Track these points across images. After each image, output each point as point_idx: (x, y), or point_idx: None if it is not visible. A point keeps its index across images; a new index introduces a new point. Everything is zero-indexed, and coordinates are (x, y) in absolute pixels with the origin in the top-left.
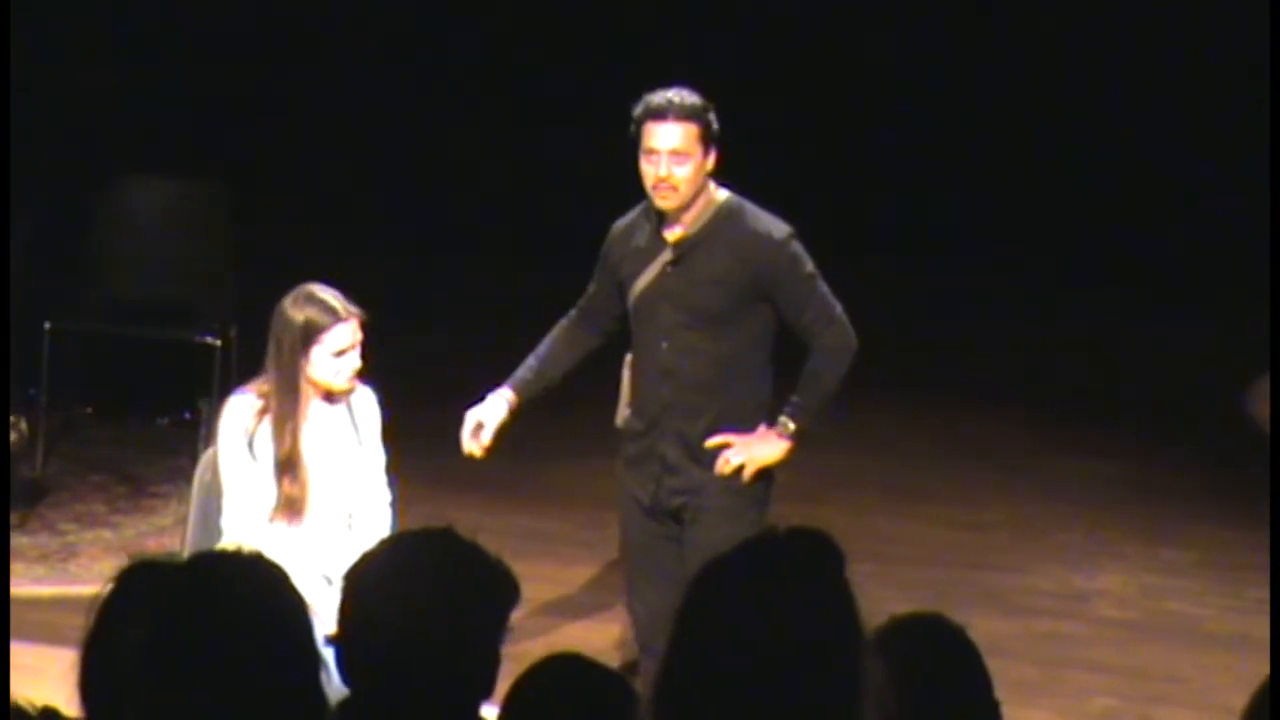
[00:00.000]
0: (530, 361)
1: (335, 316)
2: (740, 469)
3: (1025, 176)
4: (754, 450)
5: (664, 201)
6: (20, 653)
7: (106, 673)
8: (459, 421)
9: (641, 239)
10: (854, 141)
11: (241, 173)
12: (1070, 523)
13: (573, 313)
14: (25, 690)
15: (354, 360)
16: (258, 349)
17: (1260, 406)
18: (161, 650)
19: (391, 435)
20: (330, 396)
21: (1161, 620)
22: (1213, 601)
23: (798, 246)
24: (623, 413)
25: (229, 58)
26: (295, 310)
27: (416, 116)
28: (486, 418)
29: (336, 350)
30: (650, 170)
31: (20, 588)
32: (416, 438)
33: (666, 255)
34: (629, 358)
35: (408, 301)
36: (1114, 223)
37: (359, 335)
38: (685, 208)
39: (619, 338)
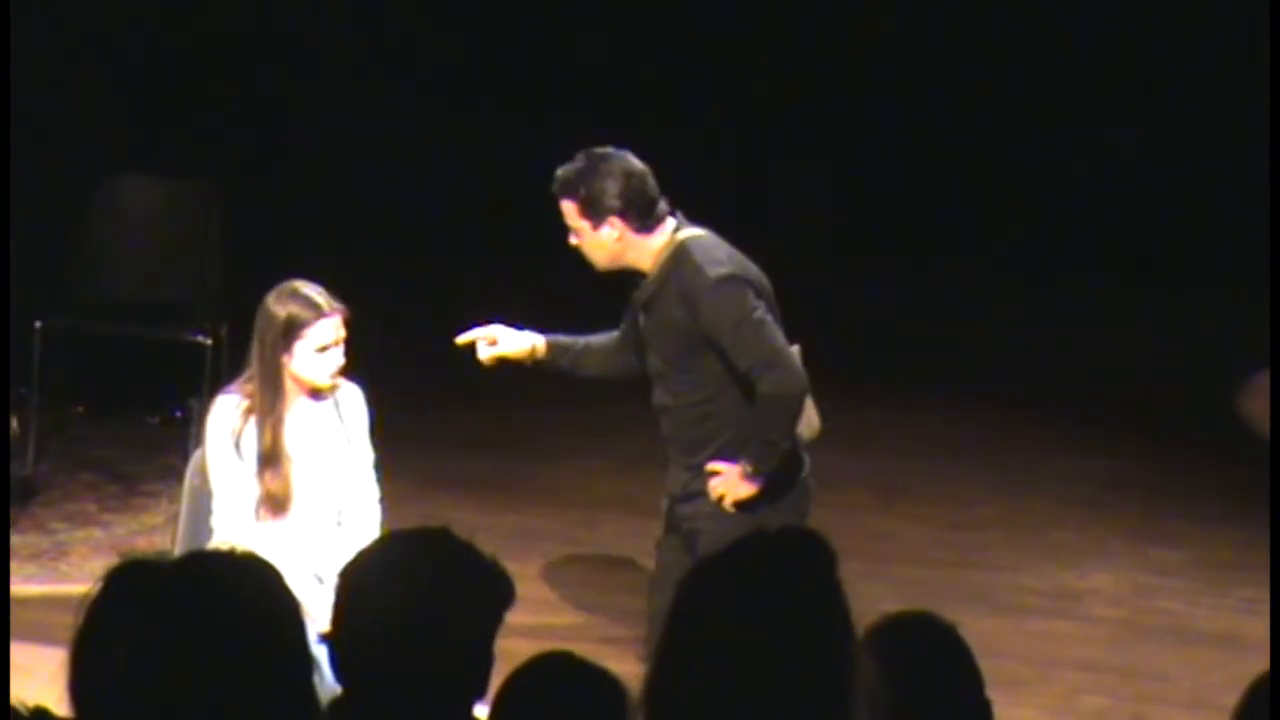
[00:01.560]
0: (575, 337)
1: (318, 312)
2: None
3: (1019, 175)
4: (729, 483)
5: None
6: (11, 651)
7: (97, 672)
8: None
9: (637, 285)
10: (852, 141)
11: (233, 171)
12: (1061, 521)
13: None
14: (17, 689)
15: (337, 357)
16: (248, 348)
17: (1253, 404)
18: (152, 650)
19: (381, 435)
20: (316, 394)
21: (1152, 619)
22: (1204, 600)
23: (726, 292)
24: None
25: (221, 57)
26: (278, 305)
27: (413, 116)
28: (506, 337)
29: (319, 346)
30: None
31: (11, 586)
32: (406, 437)
33: (640, 304)
34: None
35: (400, 301)
36: (1107, 221)
37: (342, 331)
38: (633, 261)
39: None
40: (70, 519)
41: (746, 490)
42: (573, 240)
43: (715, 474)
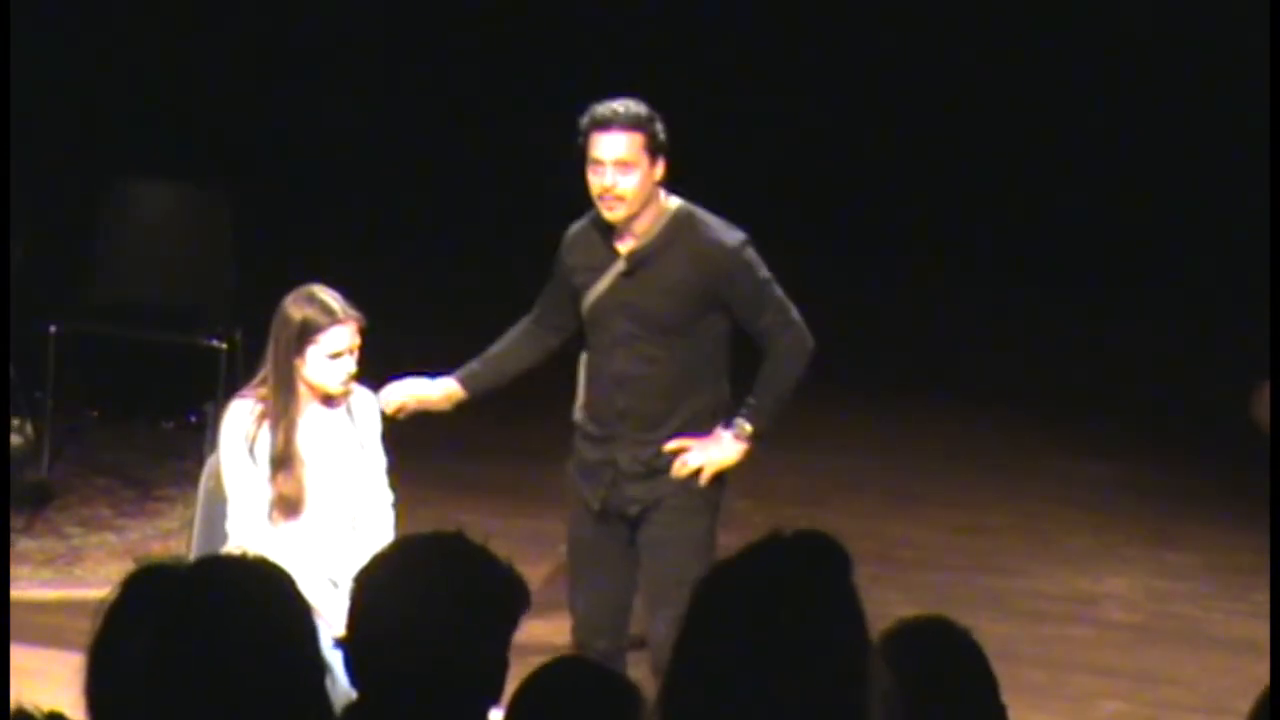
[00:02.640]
0: (482, 356)
1: (333, 318)
2: (698, 471)
3: (1024, 178)
4: (710, 453)
5: (611, 213)
6: (26, 656)
7: (112, 678)
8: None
9: (594, 248)
10: (852, 142)
11: (247, 175)
12: (1076, 526)
13: (530, 315)
14: (31, 694)
15: (349, 364)
16: (263, 352)
17: (1263, 410)
18: (166, 655)
19: (390, 438)
20: (328, 400)
21: (1168, 624)
22: (1219, 605)
23: (751, 253)
24: (578, 414)
25: (235, 60)
26: (294, 309)
27: (418, 120)
28: (413, 387)
29: (332, 352)
30: (596, 181)
31: (26, 591)
32: (416, 441)
33: (620, 266)
34: (584, 358)
35: (410, 304)
36: (1115, 224)
37: (356, 339)
38: (634, 217)
39: (576, 339)
40: (85, 524)
41: (737, 454)
42: (613, 179)
43: (682, 450)
